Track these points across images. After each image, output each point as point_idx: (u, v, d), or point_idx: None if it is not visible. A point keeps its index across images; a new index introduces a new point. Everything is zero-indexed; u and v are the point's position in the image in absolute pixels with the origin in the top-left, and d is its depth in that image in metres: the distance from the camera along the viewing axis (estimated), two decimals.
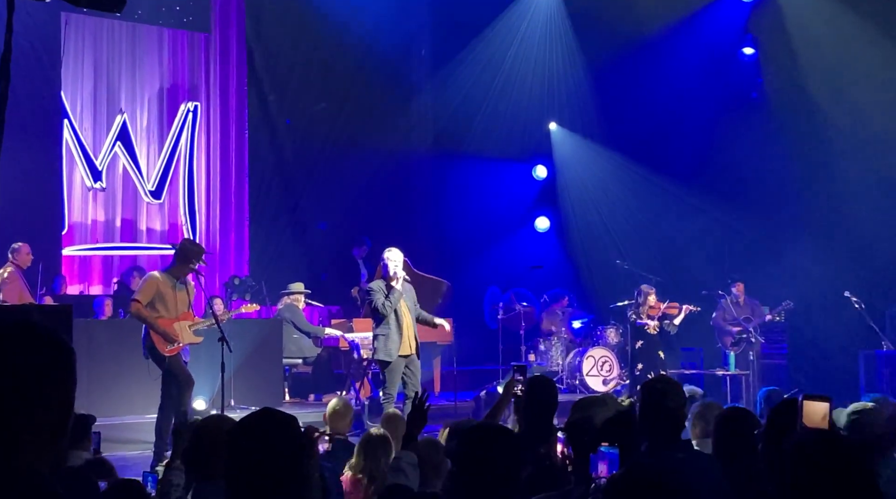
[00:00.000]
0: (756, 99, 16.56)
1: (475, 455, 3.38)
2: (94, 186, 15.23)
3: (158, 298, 9.17)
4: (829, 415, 3.27)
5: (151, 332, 9.11)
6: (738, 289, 14.27)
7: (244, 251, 16.41)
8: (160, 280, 9.29)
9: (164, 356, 9.12)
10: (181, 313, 9.31)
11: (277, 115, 16.52)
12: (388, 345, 9.78)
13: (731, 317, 14.05)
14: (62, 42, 14.64)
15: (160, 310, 9.17)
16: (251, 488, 2.76)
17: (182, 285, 9.39)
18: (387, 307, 9.81)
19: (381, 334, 9.84)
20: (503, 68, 17.65)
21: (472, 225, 17.41)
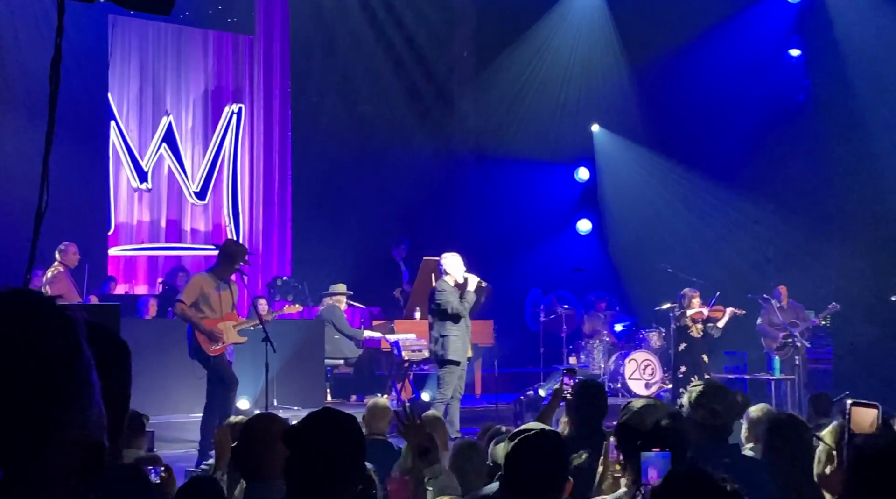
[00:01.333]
0: (802, 101, 16.38)
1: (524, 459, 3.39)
2: (140, 187, 15.39)
3: (203, 298, 9.24)
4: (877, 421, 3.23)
5: (196, 332, 9.18)
6: (782, 292, 14.12)
7: (287, 252, 16.50)
8: (204, 281, 9.36)
9: (209, 356, 9.19)
10: (225, 314, 9.38)
11: (320, 117, 16.59)
12: (460, 346, 10.03)
13: (777, 321, 13.90)
14: (109, 44, 14.82)
15: (205, 310, 9.24)
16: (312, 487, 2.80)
17: (226, 286, 9.45)
18: (460, 311, 10.04)
19: (452, 335, 10.04)
20: (545, 70, 17.60)
21: (513, 227, 17.37)
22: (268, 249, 16.49)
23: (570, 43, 17.58)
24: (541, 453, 3.40)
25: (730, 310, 13.18)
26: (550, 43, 17.55)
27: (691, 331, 13.00)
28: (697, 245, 16.51)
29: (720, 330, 13.14)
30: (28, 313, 1.29)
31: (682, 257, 16.04)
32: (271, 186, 16.59)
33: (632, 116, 17.60)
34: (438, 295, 10.19)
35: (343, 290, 13.63)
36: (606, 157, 18.27)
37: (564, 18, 17.52)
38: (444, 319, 10.10)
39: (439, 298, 10.17)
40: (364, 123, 16.85)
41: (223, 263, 9.44)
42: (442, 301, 10.09)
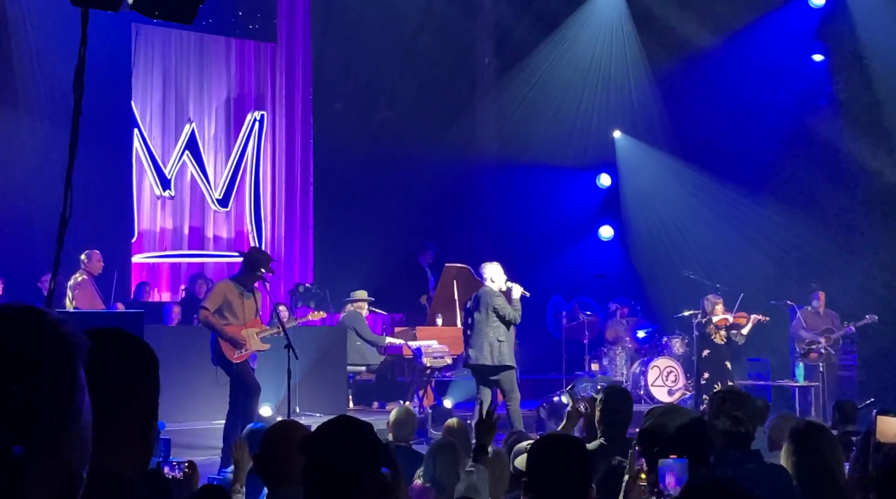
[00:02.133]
0: (825, 106, 16.30)
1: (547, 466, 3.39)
2: (163, 195, 15.47)
3: (226, 305, 9.27)
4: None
5: (219, 339, 9.21)
6: (820, 298, 14.00)
7: (309, 259, 16.55)
8: (228, 288, 9.39)
9: (232, 363, 9.22)
10: (249, 321, 9.41)
11: (342, 124, 16.63)
12: (510, 351, 10.43)
13: (811, 326, 13.80)
14: (133, 52, 14.91)
15: (228, 317, 9.27)
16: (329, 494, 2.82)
17: (249, 293, 9.48)
18: (517, 318, 10.40)
19: (506, 341, 10.37)
20: (566, 76, 17.58)
21: (535, 233, 17.35)
22: (290, 255, 16.55)
23: (592, 49, 17.56)
24: (563, 461, 3.39)
25: (754, 317, 13.11)
26: (571, 49, 17.53)
27: (715, 338, 12.95)
28: (720, 251, 16.42)
29: (744, 337, 13.07)
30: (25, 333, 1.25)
31: (704, 263, 15.97)
32: (293, 193, 16.65)
33: (653, 122, 17.56)
34: (495, 301, 10.39)
35: (364, 296, 13.66)
36: (628, 163, 18.22)
37: (585, 25, 17.50)
38: (500, 325, 10.38)
39: (496, 304, 10.38)
40: (385, 130, 16.88)
41: (247, 270, 9.47)
42: (500, 307, 10.34)
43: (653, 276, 17.30)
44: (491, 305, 10.43)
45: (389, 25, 16.54)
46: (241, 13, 15.92)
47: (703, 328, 13.13)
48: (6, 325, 1.24)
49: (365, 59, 16.56)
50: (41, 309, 1.30)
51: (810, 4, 16.22)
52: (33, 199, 12.45)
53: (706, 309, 13.20)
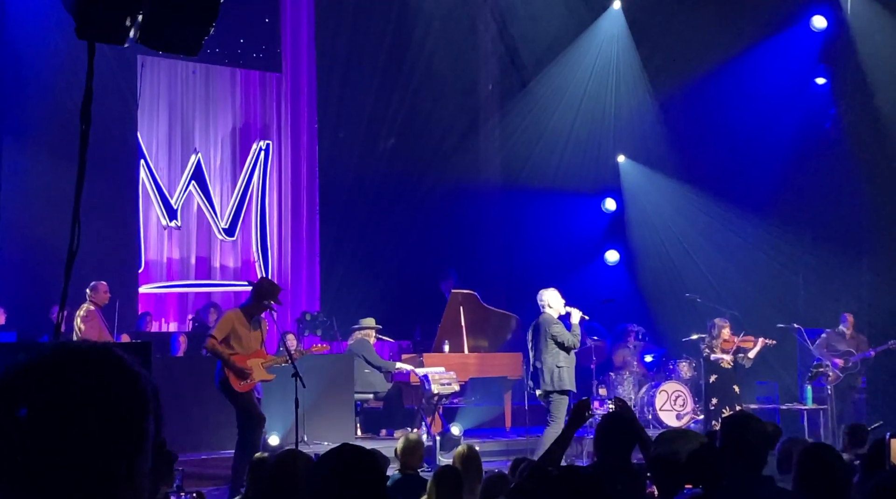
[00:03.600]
0: (829, 129, 16.33)
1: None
2: (170, 225, 15.53)
3: (233, 335, 9.27)
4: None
5: (225, 368, 9.21)
6: (849, 320, 13.94)
7: (315, 287, 16.57)
8: (237, 317, 9.39)
9: (237, 392, 9.21)
10: (254, 351, 9.40)
11: (348, 152, 16.70)
12: (570, 376, 10.73)
13: (832, 348, 13.74)
14: (138, 84, 15.01)
15: (235, 346, 9.26)
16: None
17: (256, 323, 9.49)
18: (575, 343, 10.77)
19: (567, 366, 10.70)
20: (570, 101, 17.65)
21: (541, 258, 17.34)
22: (296, 284, 16.57)
23: (595, 74, 17.62)
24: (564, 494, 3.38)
25: (761, 340, 13.08)
26: (575, 74, 17.60)
27: (722, 362, 12.92)
28: (726, 275, 16.42)
29: (751, 360, 13.04)
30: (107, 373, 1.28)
31: (710, 287, 15.96)
32: (299, 222, 16.69)
33: (658, 147, 17.60)
34: (552, 328, 10.70)
35: (372, 324, 13.65)
36: (633, 187, 18.25)
37: (588, 50, 17.58)
38: (559, 351, 10.66)
39: (554, 331, 10.69)
40: (391, 158, 16.95)
41: (255, 300, 9.48)
42: (557, 334, 10.64)
43: (659, 300, 17.29)
44: (549, 333, 10.72)
45: (393, 53, 16.64)
46: (246, 44, 16.03)
47: (709, 352, 13.10)
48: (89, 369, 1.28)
49: (369, 88, 16.65)
50: (120, 355, 1.33)
51: (812, 28, 16.29)
52: (42, 230, 12.49)
53: (713, 333, 13.18)
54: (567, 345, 10.70)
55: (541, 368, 10.73)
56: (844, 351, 13.71)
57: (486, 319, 14.41)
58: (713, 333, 13.14)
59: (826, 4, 16.12)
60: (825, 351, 13.77)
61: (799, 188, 15.95)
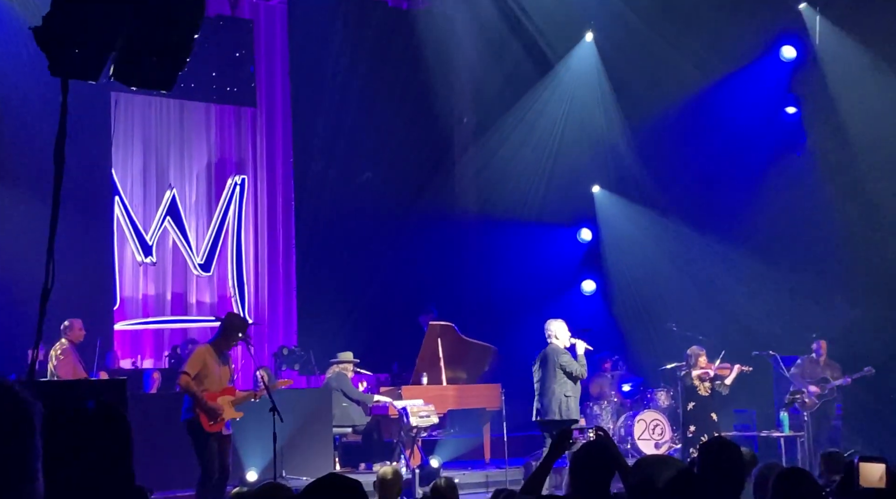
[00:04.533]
0: (800, 157, 16.50)
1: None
2: (145, 261, 15.47)
3: (204, 371, 9.20)
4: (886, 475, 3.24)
5: (196, 407, 9.10)
6: (822, 346, 14.03)
7: (292, 321, 16.53)
8: (208, 353, 9.32)
9: (205, 433, 9.11)
10: (223, 388, 9.33)
11: (323, 186, 16.71)
12: (576, 406, 11.08)
13: (808, 374, 13.80)
14: (112, 121, 15.01)
15: (205, 383, 9.18)
16: None
17: (225, 359, 9.43)
18: (583, 373, 11.08)
19: (572, 395, 11.01)
20: (544, 132, 17.76)
21: (518, 289, 17.38)
22: (273, 318, 16.52)
23: (568, 106, 17.75)
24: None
25: (737, 367, 13.14)
26: (548, 106, 17.73)
27: (699, 389, 12.96)
28: (701, 302, 16.51)
29: (728, 387, 13.10)
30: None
31: (686, 315, 16.03)
32: (276, 256, 16.67)
33: (631, 177, 17.72)
34: (561, 358, 11.03)
35: (350, 357, 13.62)
36: (608, 217, 18.34)
37: (561, 82, 17.71)
38: (566, 381, 10.97)
39: (562, 361, 11.01)
40: (367, 191, 16.97)
41: (224, 335, 9.42)
42: (565, 364, 10.98)
43: (636, 329, 17.35)
44: (557, 363, 11.01)
45: (367, 87, 16.71)
46: (221, 78, 16.05)
47: (687, 380, 13.14)
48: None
49: (344, 120, 16.69)
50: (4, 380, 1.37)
51: (781, 59, 16.49)
52: (13, 267, 12.42)
53: (690, 361, 13.23)
54: (575, 374, 11.00)
55: (549, 398, 10.98)
56: (821, 378, 13.78)
57: (464, 350, 14.41)
58: (690, 362, 13.20)
59: (795, 35, 16.33)
60: (801, 378, 13.84)
61: (772, 216, 16.08)
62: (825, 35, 15.82)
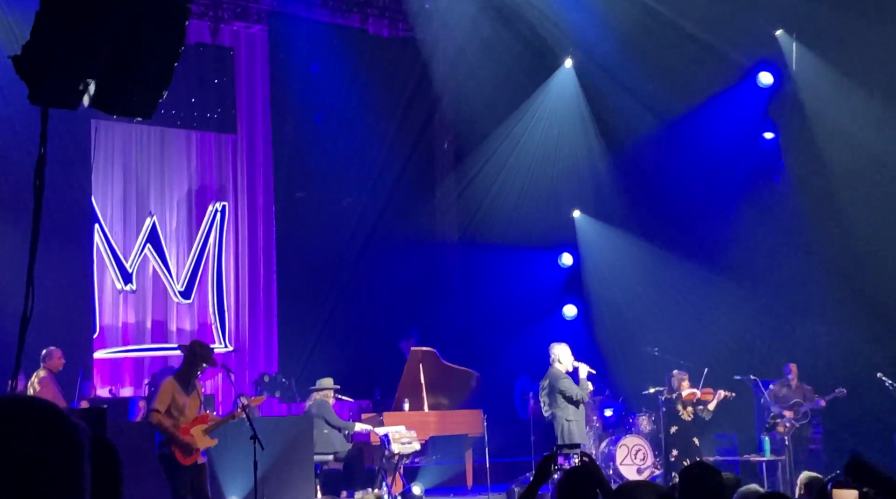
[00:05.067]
0: (778, 182, 16.63)
1: None
2: (125, 289, 15.40)
3: (173, 404, 9.11)
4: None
5: (171, 443, 9.02)
6: (793, 370, 14.11)
7: (273, 349, 16.47)
8: (173, 386, 9.21)
9: (181, 467, 9.04)
10: (194, 418, 9.25)
11: (304, 212, 16.70)
12: (577, 430, 11.25)
13: (781, 399, 13.86)
14: (92, 148, 14.97)
15: (176, 416, 9.09)
16: None
17: (192, 388, 9.35)
18: (584, 397, 11.28)
19: (573, 420, 11.19)
20: (525, 157, 17.83)
21: (500, 315, 17.40)
22: (254, 345, 16.46)
23: (548, 131, 17.84)
24: None
25: (720, 392, 13.18)
26: (529, 132, 17.81)
27: (682, 414, 12.99)
28: (682, 327, 16.55)
29: (710, 412, 13.13)
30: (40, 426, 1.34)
31: (667, 340, 16.07)
32: (256, 283, 16.63)
33: (612, 202, 17.80)
34: (561, 383, 11.21)
35: (330, 384, 13.53)
36: (589, 242, 18.40)
37: (541, 107, 17.81)
38: (568, 406, 11.15)
39: (562, 385, 11.19)
40: (348, 217, 16.97)
41: (188, 365, 9.35)
42: (566, 389, 11.16)
43: (617, 353, 17.35)
44: (558, 388, 11.18)
45: (348, 112, 16.74)
46: (201, 105, 16.05)
47: (670, 405, 13.16)
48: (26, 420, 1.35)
49: (325, 147, 16.71)
50: (57, 408, 1.41)
51: (759, 85, 16.63)
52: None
53: (673, 385, 13.25)
54: (576, 398, 11.15)
55: (554, 423, 11.28)
56: (794, 402, 13.83)
57: (446, 376, 14.39)
58: (673, 386, 13.23)
59: (772, 62, 16.48)
60: (774, 403, 13.90)
61: (751, 240, 16.17)
62: (801, 61, 15.98)
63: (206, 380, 15.29)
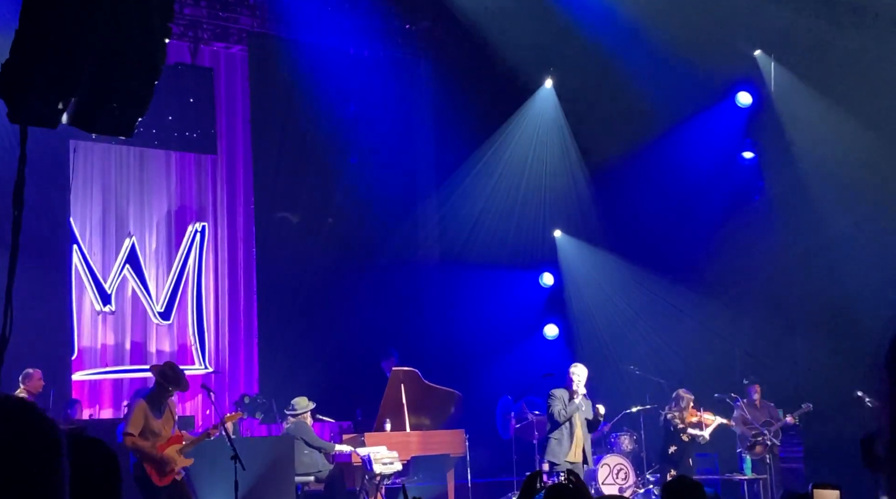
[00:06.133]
0: (758, 201, 16.72)
1: None
2: (104, 310, 15.30)
3: (146, 426, 9.05)
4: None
5: (145, 464, 8.95)
6: (756, 391, 14.18)
7: (254, 369, 16.39)
8: (144, 409, 9.16)
9: (157, 487, 8.97)
10: (169, 438, 9.19)
11: (285, 232, 16.65)
12: (558, 449, 11.17)
13: (749, 419, 13.91)
14: (71, 169, 14.89)
15: (149, 437, 9.03)
16: None
17: (165, 408, 9.29)
18: (562, 415, 11.25)
19: (554, 438, 11.30)
20: (506, 177, 17.89)
21: (481, 334, 17.38)
22: (234, 366, 16.37)
23: (529, 151, 17.91)
24: None
25: (720, 419, 13.30)
26: (509, 152, 17.87)
27: (682, 435, 13.05)
28: (663, 345, 16.60)
29: (706, 439, 13.25)
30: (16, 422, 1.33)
31: (648, 358, 16.11)
32: (237, 303, 16.55)
33: (592, 221, 17.86)
34: (548, 400, 11.53)
35: (305, 403, 13.39)
36: (570, 262, 18.43)
37: (522, 128, 17.87)
38: (551, 423, 11.50)
39: (548, 402, 11.52)
40: (329, 237, 16.94)
41: (159, 387, 9.30)
42: (548, 405, 11.50)
43: (599, 373, 17.30)
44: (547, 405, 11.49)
45: (329, 133, 16.74)
46: (181, 125, 15.99)
47: (672, 425, 13.20)
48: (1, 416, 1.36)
49: (307, 167, 16.71)
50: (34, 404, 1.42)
51: (738, 104, 16.75)
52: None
53: (680, 404, 13.31)
54: (555, 416, 11.30)
55: None
56: (764, 422, 13.89)
57: (428, 396, 14.35)
58: (680, 405, 13.29)
59: (750, 81, 16.60)
60: (743, 427, 13.94)
61: (731, 259, 16.24)
62: (780, 81, 16.10)
63: (185, 401, 15.20)
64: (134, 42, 4.07)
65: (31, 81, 3.91)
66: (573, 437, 11.34)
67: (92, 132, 4.31)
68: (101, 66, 4.02)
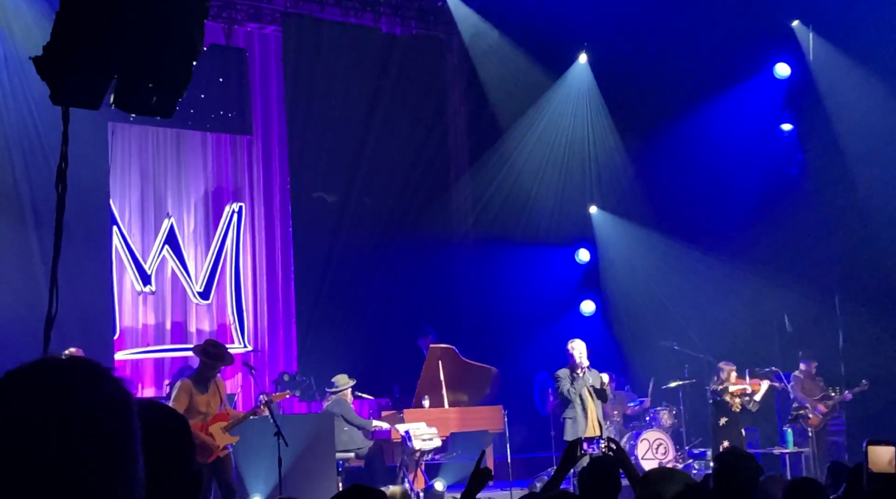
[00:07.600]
0: (796, 174, 16.56)
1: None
2: (144, 290, 15.45)
3: (191, 405, 9.17)
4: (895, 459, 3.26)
5: None
6: (812, 365, 14.14)
7: (292, 347, 16.50)
8: (190, 387, 9.28)
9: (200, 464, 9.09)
10: (213, 415, 9.30)
11: (321, 212, 16.72)
12: (575, 427, 11.22)
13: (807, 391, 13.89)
14: (109, 151, 15.03)
15: (195, 416, 9.15)
16: None
17: (209, 386, 9.39)
18: (571, 393, 11.31)
19: (567, 418, 11.37)
20: (540, 154, 17.82)
21: (517, 311, 17.38)
22: (273, 345, 16.50)
23: (563, 126, 17.83)
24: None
25: (766, 383, 13.28)
26: (544, 128, 17.79)
27: (732, 405, 13.04)
28: (701, 321, 16.51)
29: (758, 404, 13.24)
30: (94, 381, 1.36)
31: (685, 334, 16.05)
32: (274, 283, 16.66)
33: (628, 196, 17.77)
34: (556, 382, 11.60)
35: (345, 380, 13.51)
36: (606, 237, 18.37)
37: (557, 104, 17.79)
38: (562, 402, 11.60)
39: (556, 384, 11.59)
40: (364, 216, 16.98)
41: (203, 365, 9.41)
42: (556, 387, 11.57)
43: (637, 349, 17.33)
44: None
45: (363, 112, 16.76)
46: (216, 107, 16.07)
47: (719, 396, 13.20)
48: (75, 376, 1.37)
49: (341, 146, 16.74)
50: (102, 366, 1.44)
51: (776, 76, 16.57)
52: (17, 298, 12.42)
53: (721, 376, 13.30)
54: (565, 395, 11.40)
55: None
56: (822, 395, 13.83)
57: (466, 373, 14.40)
58: (721, 377, 13.29)
59: (789, 52, 16.42)
60: (801, 395, 13.90)
61: (770, 233, 16.11)
62: (818, 52, 15.92)
63: (227, 379, 15.34)
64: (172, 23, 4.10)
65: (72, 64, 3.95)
66: (587, 411, 11.43)
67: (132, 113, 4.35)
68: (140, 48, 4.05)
